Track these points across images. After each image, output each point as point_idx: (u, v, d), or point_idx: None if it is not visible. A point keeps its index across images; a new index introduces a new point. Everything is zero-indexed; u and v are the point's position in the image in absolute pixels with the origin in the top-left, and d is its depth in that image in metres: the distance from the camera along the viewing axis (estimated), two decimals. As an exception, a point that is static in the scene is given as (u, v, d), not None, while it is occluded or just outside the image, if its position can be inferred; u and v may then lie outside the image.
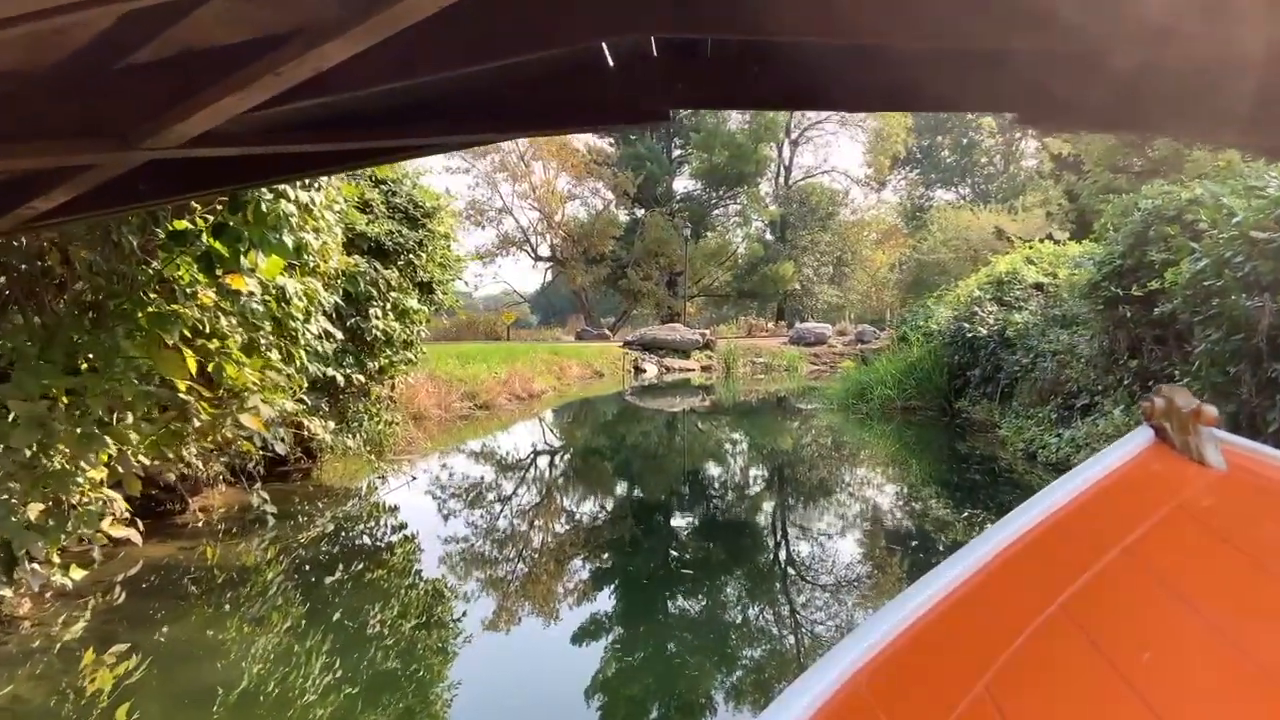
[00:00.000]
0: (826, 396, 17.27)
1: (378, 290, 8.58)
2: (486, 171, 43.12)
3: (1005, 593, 1.35)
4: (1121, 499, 1.52)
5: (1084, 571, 1.33)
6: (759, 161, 47.74)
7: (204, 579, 5.89)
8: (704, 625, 5.57)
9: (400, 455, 10.11)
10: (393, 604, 5.64)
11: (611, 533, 7.71)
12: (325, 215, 6.85)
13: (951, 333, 14.78)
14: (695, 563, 6.96)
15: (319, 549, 6.69)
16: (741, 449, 13.80)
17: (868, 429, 14.45)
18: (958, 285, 18.20)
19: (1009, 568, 1.37)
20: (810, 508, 9.14)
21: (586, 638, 5.26)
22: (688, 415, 18.07)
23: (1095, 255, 9.89)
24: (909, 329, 17.20)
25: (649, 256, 44.54)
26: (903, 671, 1.23)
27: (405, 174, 9.32)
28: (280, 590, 5.84)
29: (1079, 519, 1.46)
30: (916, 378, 15.54)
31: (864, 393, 16.30)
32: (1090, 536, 1.45)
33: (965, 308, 14.89)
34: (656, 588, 6.33)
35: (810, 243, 50.92)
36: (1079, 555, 1.40)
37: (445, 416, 14.24)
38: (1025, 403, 11.92)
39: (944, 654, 1.27)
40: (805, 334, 34.51)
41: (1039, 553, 1.41)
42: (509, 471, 10.44)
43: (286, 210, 6.27)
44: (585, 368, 25.51)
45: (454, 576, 6.35)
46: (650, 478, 10.98)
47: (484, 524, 7.82)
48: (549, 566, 6.71)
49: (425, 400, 13.74)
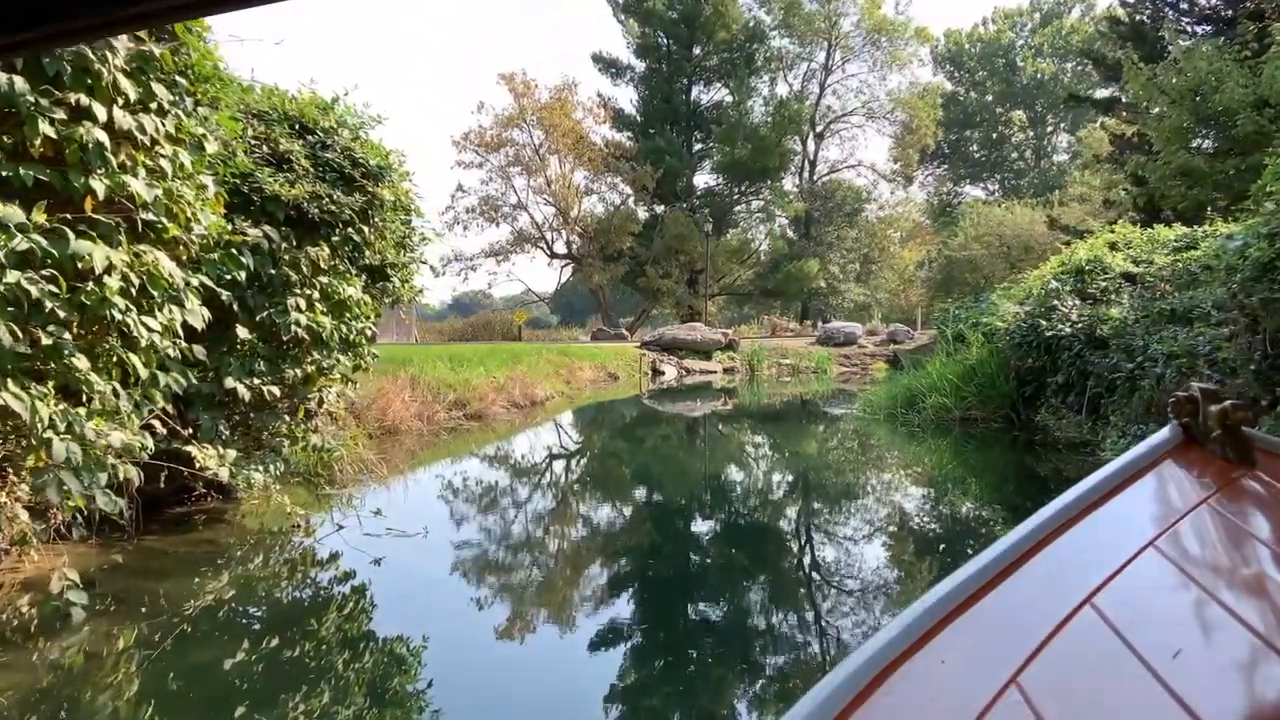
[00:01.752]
0: (869, 404, 14.84)
1: (297, 273, 6.30)
2: (500, 165, 40.92)
3: (1035, 586, 1.33)
4: (1150, 495, 1.53)
5: (1113, 566, 1.32)
6: (783, 155, 45.21)
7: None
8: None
9: (345, 486, 7.84)
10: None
11: (620, 617, 5.31)
12: (177, 155, 4.56)
13: (1022, 331, 12.30)
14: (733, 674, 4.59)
15: (133, 676, 3.90)
16: (783, 476, 11.43)
17: (922, 444, 12.01)
18: (1021, 276, 15.73)
19: (1039, 561, 1.36)
20: (890, 564, 6.74)
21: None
22: (709, 425, 15.71)
23: (1257, 230, 7.41)
24: (965, 327, 14.74)
25: (668, 253, 42.20)
26: (931, 666, 1.19)
27: (342, 120, 7.03)
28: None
29: (1109, 514, 1.47)
30: (977, 383, 13.08)
31: (914, 400, 13.87)
32: (1119, 531, 1.44)
33: (1039, 301, 12.41)
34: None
35: (836, 239, 48.42)
36: (1108, 550, 1.39)
37: (427, 430, 11.99)
38: (1130, 416, 9.46)
39: (974, 646, 1.23)
40: (834, 334, 32.01)
41: (1069, 547, 1.40)
42: (480, 510, 8.02)
43: (91, 137, 3.99)
44: (598, 370, 23.20)
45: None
46: (666, 519, 8.66)
47: (425, 602, 5.44)
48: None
49: (401, 411, 11.47)
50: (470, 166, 41.14)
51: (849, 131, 51.14)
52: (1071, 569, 1.37)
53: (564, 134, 39.81)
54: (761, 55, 47.03)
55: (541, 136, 40.27)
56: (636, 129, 46.07)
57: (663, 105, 46.63)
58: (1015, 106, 63.70)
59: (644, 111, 47.29)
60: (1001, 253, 46.53)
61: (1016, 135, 64.70)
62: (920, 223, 59.69)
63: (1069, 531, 1.43)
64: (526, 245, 43.11)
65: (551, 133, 39.74)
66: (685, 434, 14.45)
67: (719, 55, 46.41)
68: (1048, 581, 1.34)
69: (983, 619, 1.26)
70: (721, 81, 47.28)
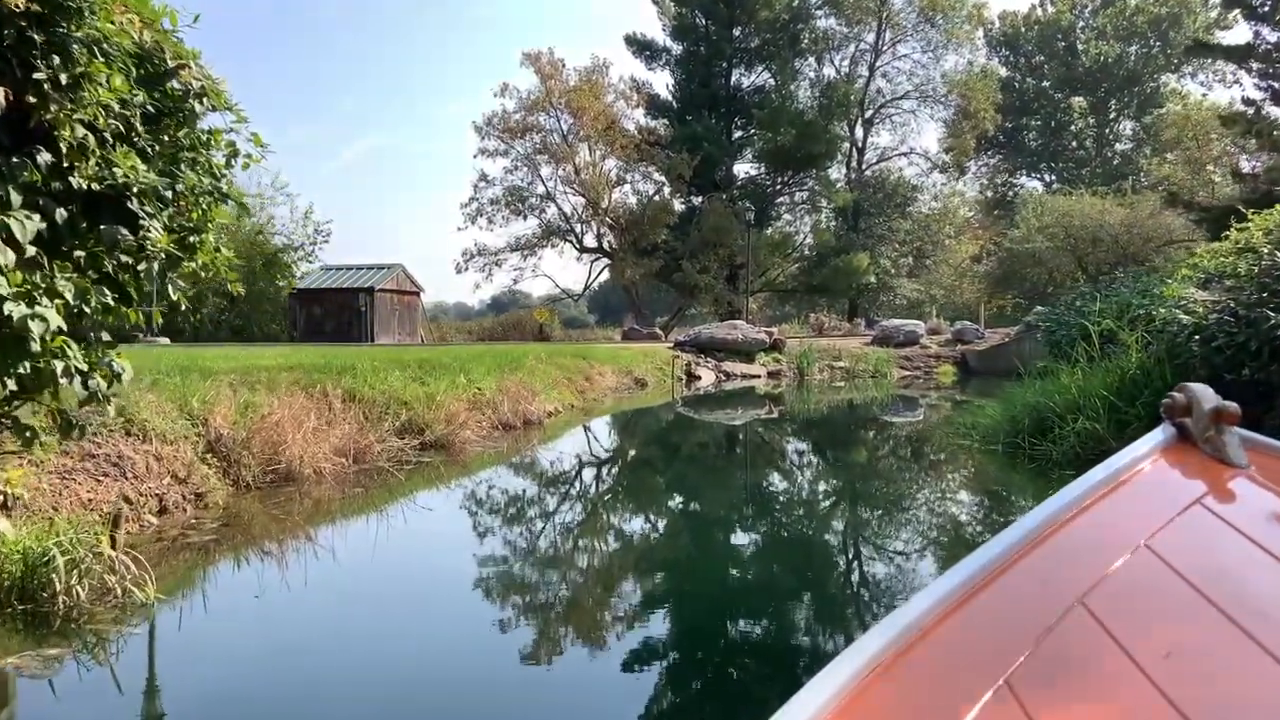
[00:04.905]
0: (976, 427, 10.61)
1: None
2: (527, 154, 37.07)
3: (1026, 588, 1.31)
4: (1143, 495, 1.51)
5: (1105, 568, 1.31)
6: (830, 142, 40.71)
7: None
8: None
9: (64, 632, 3.95)
10: None
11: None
12: None
13: (1226, 328, 8.03)
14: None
15: None
16: (887, 568, 7.28)
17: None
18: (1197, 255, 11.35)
19: (1030, 563, 1.34)
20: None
21: None
22: (760, 459, 11.63)
23: None
24: (1116, 323, 10.41)
25: (706, 247, 38.01)
26: (922, 667, 1.16)
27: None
28: None
29: (1100, 515, 1.45)
30: (1145, 400, 8.82)
31: (1043, 424, 9.63)
32: (1111, 533, 1.42)
33: (1252, 283, 8.11)
34: None
35: (888, 231, 43.77)
36: (1100, 551, 1.38)
37: (350, 472, 8.08)
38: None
39: (964, 649, 1.20)
40: (893, 332, 27.60)
41: (1060, 548, 1.38)
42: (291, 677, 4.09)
43: None
44: (622, 375, 19.19)
45: None
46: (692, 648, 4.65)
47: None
48: None
49: (304, 447, 7.55)
50: (494, 155, 37.45)
51: (900, 116, 46.46)
52: (1063, 569, 1.33)
53: (594, 118, 35.85)
54: (807, 36, 42.63)
55: (570, 121, 36.38)
56: (672, 114, 41.93)
57: (700, 89, 42.45)
58: (1075, 92, 58.31)
59: (680, 96, 43.16)
60: (1067, 245, 41.69)
61: (1077, 123, 59.28)
62: (970, 217, 54.76)
63: (1061, 531, 1.39)
64: (554, 239, 39.26)
65: (580, 116, 35.81)
66: (720, 490, 10.38)
67: (761, 36, 42.10)
68: (1040, 581, 1.31)
69: (974, 618, 1.23)
70: (764, 64, 42.97)
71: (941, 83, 45.05)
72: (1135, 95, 56.99)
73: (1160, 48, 56.15)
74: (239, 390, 8.05)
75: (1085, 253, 41.39)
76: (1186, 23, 54.53)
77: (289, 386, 8.69)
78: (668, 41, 43.09)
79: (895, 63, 45.77)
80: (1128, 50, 56.51)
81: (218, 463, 6.83)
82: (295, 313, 23.79)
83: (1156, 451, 1.57)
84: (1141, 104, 56.83)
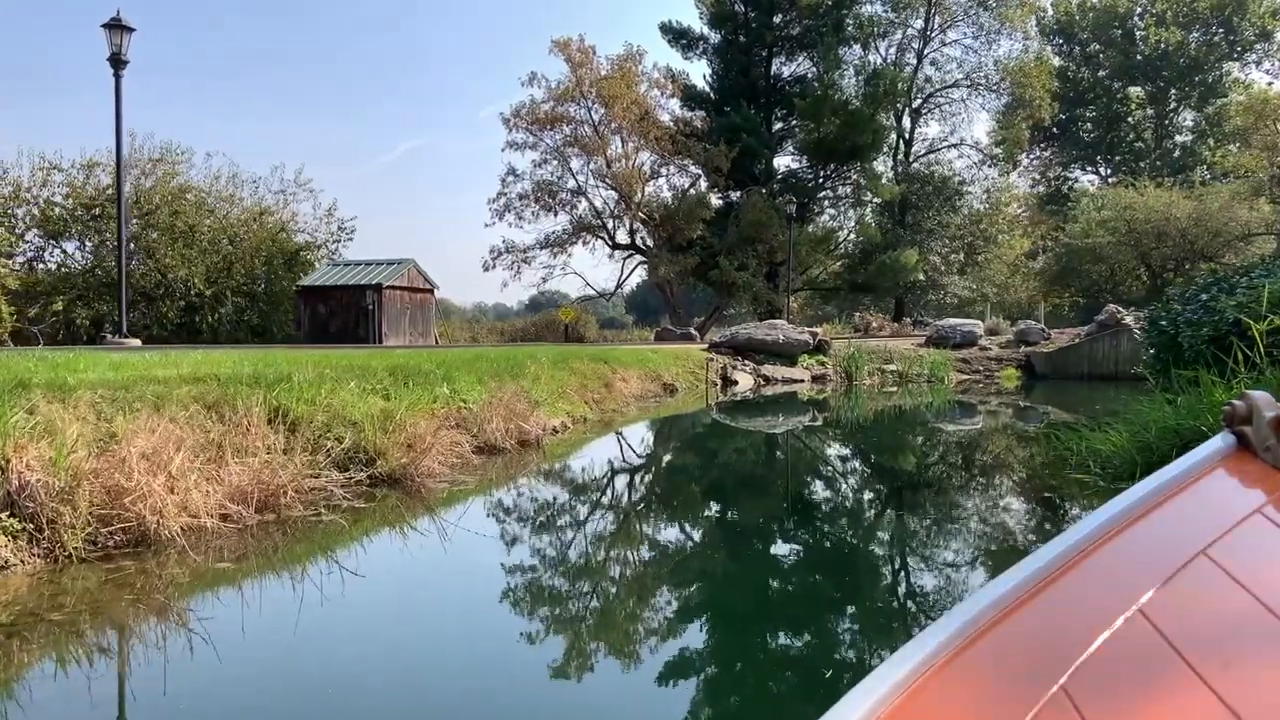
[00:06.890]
0: (1094, 455, 8.00)
1: None
2: (556, 146, 34.81)
3: (1083, 593, 1.24)
4: (1202, 504, 1.42)
5: (1163, 575, 1.22)
6: (875, 132, 37.77)
7: None
8: None
9: None
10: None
11: None
12: None
13: None
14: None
15: None
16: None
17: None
18: None
19: (1087, 568, 1.27)
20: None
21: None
22: (817, 512, 9.15)
23: None
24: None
25: (745, 243, 35.40)
26: (977, 668, 1.10)
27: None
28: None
29: (1158, 522, 1.37)
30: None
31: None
32: (1170, 540, 1.34)
33: None
34: None
35: (937, 226, 40.69)
36: (1158, 558, 1.29)
37: (252, 524, 5.81)
38: None
39: (1020, 652, 1.13)
40: (948, 333, 24.76)
41: (1118, 554, 1.31)
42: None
43: None
44: (649, 380, 16.78)
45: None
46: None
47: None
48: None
49: (174, 498, 5.26)
50: (522, 148, 35.25)
51: (950, 106, 43.33)
52: (1121, 576, 1.26)
53: (626, 108, 33.46)
54: (851, 22, 39.75)
55: (601, 111, 34.03)
56: (709, 105, 39.31)
57: (739, 79, 39.77)
58: (1133, 82, 54.43)
59: (718, 86, 40.53)
60: (1129, 240, 38.27)
61: (1135, 114, 55.36)
62: (1022, 212, 51.31)
63: (1118, 538, 1.31)
64: (585, 234, 36.93)
65: (612, 106, 33.43)
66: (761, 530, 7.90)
67: (803, 23, 39.30)
68: (1097, 588, 1.24)
69: (1030, 623, 1.17)
70: (806, 52, 40.17)
71: (994, 70, 41.87)
72: (1197, 85, 52.97)
73: (1223, 34, 52.14)
74: (107, 413, 5.81)
75: (1149, 248, 37.92)
76: (1252, 8, 50.61)
77: (189, 405, 6.43)
78: (705, 30, 40.55)
79: (945, 49, 42.72)
80: (1189, 37, 52.54)
81: (19, 525, 4.56)
82: (300, 311, 21.74)
83: (1216, 460, 1.46)
84: (1203, 94, 52.82)
